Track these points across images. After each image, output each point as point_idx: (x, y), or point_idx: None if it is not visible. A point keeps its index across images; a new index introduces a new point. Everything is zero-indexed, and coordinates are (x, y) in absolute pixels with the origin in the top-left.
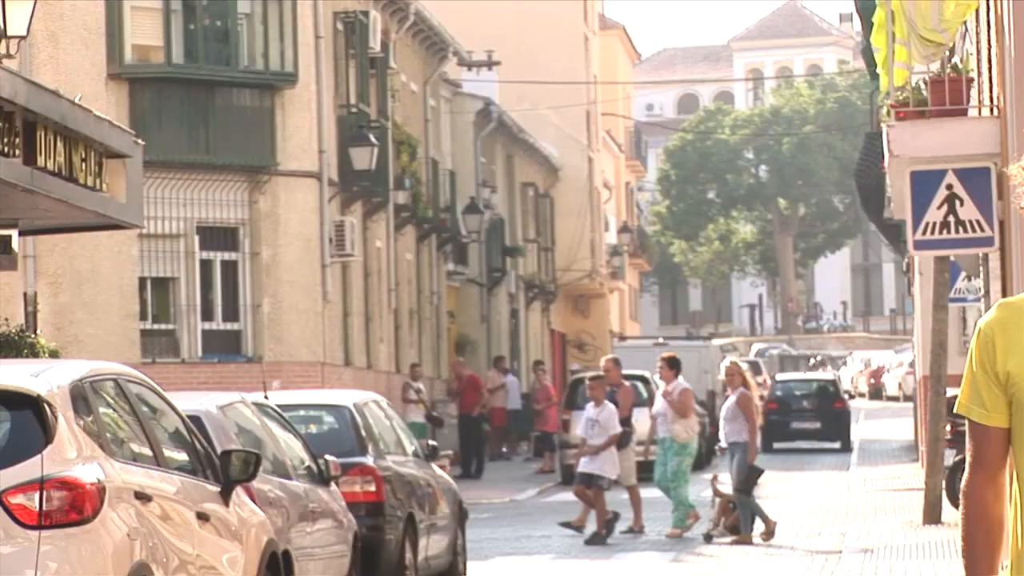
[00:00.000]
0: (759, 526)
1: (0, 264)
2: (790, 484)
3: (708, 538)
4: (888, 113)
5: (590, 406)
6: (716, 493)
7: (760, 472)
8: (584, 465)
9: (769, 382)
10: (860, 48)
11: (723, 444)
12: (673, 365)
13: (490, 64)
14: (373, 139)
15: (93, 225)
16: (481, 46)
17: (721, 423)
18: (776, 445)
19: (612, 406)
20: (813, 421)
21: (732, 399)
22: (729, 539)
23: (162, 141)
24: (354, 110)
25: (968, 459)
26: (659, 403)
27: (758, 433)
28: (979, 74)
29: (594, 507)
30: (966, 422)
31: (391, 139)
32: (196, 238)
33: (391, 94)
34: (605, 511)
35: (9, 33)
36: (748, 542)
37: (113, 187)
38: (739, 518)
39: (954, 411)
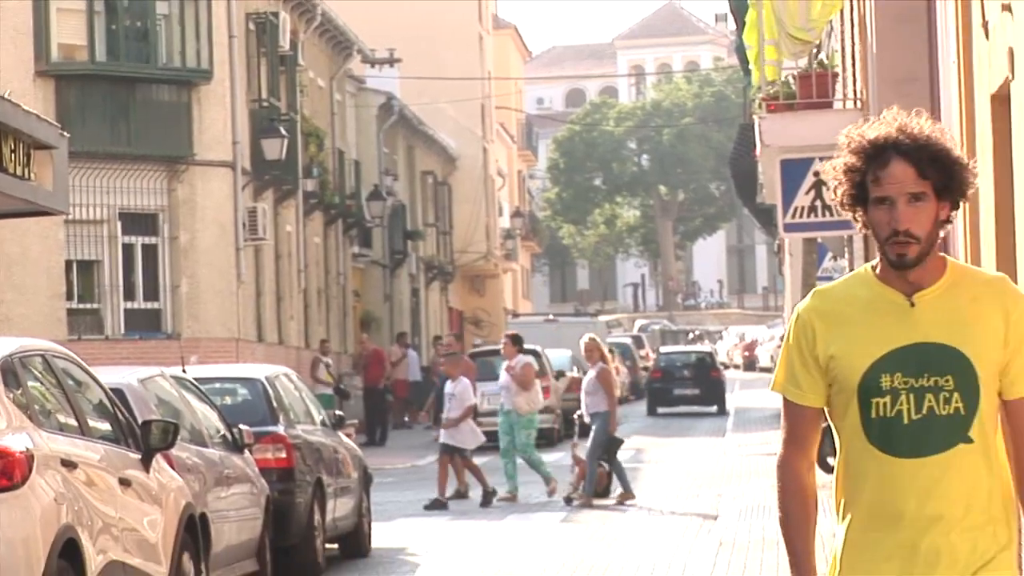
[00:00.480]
0: (609, 488)
1: None
2: (671, 449)
3: (568, 501)
4: (760, 106)
5: (448, 382)
6: (575, 460)
7: (620, 442)
8: (443, 437)
9: (652, 355)
10: (734, 46)
11: (584, 415)
12: (516, 342)
13: (392, 61)
14: (283, 131)
15: (22, 212)
16: (383, 45)
17: (582, 396)
18: (660, 410)
19: (466, 380)
20: (693, 388)
21: (592, 373)
22: (612, 500)
23: (86, 133)
24: (265, 104)
25: (782, 435)
26: (503, 377)
27: (617, 405)
28: (844, 69)
29: (447, 478)
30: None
31: (300, 131)
32: (118, 223)
33: (300, 89)
34: (481, 476)
35: None
36: (631, 496)
37: (40, 176)
38: (615, 481)
39: (770, 389)
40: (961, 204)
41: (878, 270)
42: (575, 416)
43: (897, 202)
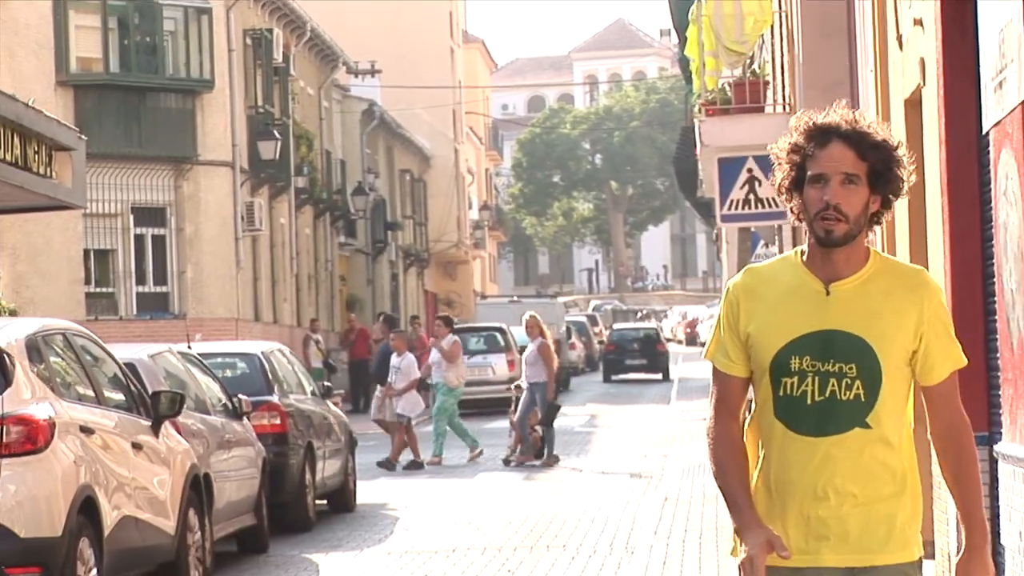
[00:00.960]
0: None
1: None
2: (622, 415)
3: (506, 462)
4: (699, 111)
5: (394, 356)
6: (512, 425)
7: (558, 408)
8: (397, 407)
9: (605, 331)
10: (677, 58)
11: (523, 384)
12: (447, 323)
13: (373, 72)
14: (277, 134)
15: (45, 206)
16: (366, 57)
17: (523, 366)
18: (613, 377)
19: (411, 356)
20: (641, 359)
21: (532, 347)
22: (538, 462)
23: (102, 136)
24: (261, 110)
25: (713, 400)
26: (434, 354)
27: (555, 375)
28: (774, 78)
29: (406, 442)
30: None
31: (292, 134)
32: (131, 216)
33: (292, 97)
34: (416, 443)
35: None
36: (556, 462)
37: (61, 174)
38: (543, 444)
39: (703, 357)
40: (893, 202)
41: (804, 256)
42: (512, 386)
43: (831, 180)
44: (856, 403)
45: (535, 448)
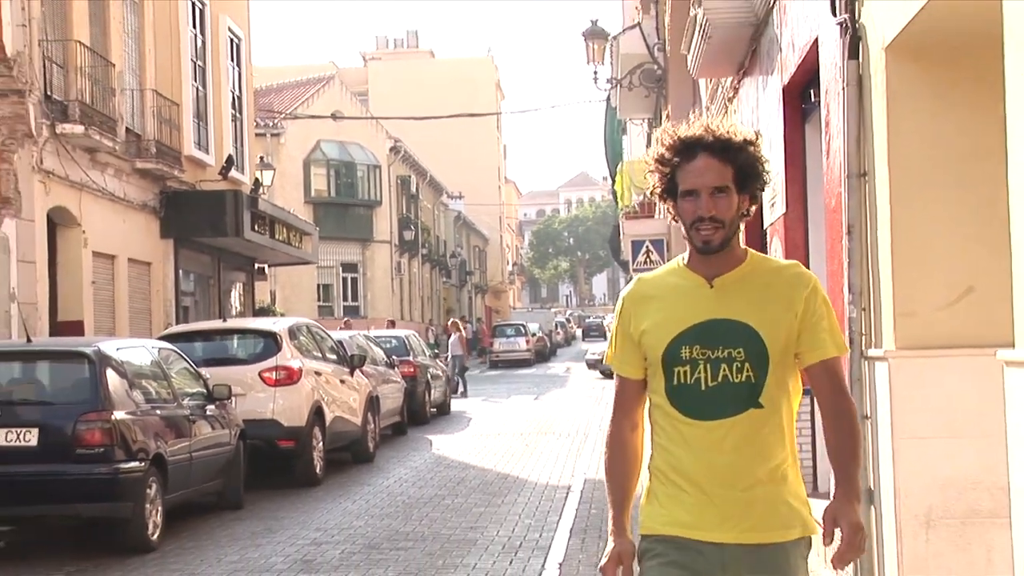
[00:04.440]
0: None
1: (260, 279)
2: (582, 373)
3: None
4: (622, 217)
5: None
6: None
7: (466, 368)
8: None
9: (575, 326)
10: (611, 190)
11: (449, 355)
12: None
13: (460, 197)
14: (412, 227)
15: (297, 263)
16: (457, 188)
17: (450, 346)
18: (586, 340)
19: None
20: (598, 335)
21: (455, 336)
22: (458, 395)
23: (326, 227)
24: (404, 216)
25: (613, 399)
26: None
27: (467, 351)
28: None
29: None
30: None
31: (419, 228)
32: (340, 268)
33: (419, 209)
34: None
35: (263, 183)
36: (465, 394)
37: (305, 247)
38: (457, 386)
39: (603, 361)
40: (760, 196)
41: (686, 260)
42: (444, 357)
43: (702, 194)
44: (747, 384)
45: (457, 389)
